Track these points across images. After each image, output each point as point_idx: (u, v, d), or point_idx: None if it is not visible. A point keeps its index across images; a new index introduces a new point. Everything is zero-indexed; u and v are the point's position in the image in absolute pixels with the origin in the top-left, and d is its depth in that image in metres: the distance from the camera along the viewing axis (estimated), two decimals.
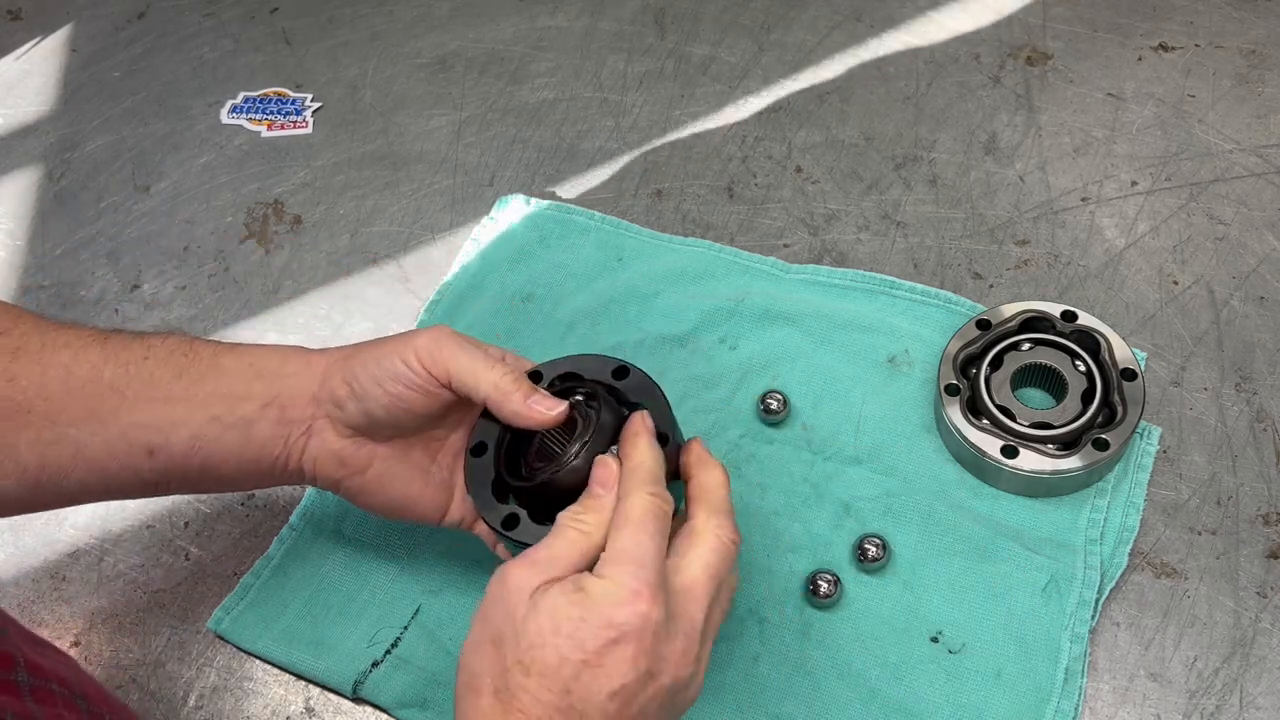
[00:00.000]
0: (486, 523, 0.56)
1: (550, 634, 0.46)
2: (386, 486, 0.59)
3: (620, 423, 0.55)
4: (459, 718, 0.48)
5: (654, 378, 0.58)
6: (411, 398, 0.56)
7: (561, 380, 0.58)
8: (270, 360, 0.58)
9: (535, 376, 0.59)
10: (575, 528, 0.50)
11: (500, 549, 0.61)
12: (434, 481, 0.61)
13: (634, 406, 0.56)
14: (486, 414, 0.58)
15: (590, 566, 0.49)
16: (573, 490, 0.54)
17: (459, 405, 0.59)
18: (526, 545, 0.54)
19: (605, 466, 0.52)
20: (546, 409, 0.54)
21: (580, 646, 0.46)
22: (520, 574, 0.48)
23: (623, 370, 0.57)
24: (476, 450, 0.58)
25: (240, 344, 0.60)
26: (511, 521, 0.55)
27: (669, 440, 0.55)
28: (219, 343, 0.59)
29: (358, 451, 0.58)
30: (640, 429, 0.53)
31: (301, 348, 0.60)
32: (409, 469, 0.60)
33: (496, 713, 0.46)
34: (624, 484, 0.51)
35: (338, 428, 0.58)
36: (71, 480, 0.56)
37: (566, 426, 0.56)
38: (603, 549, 0.49)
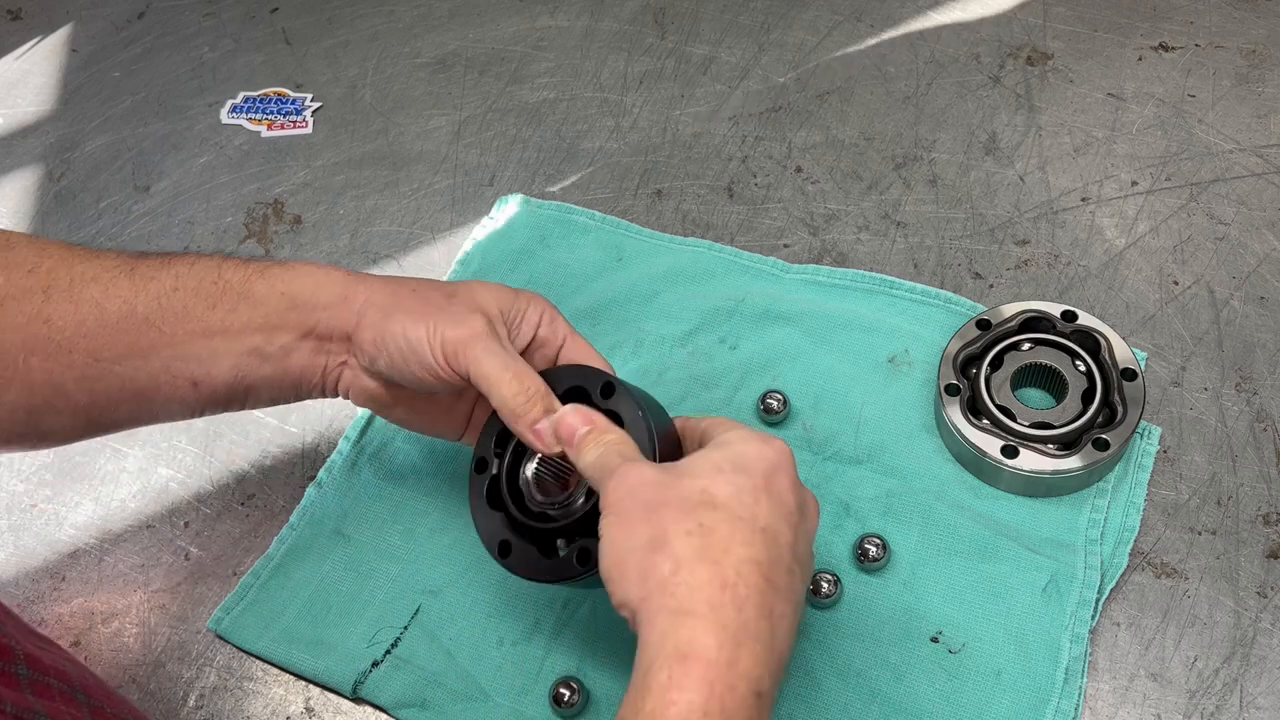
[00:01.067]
0: (487, 549, 0.57)
1: (713, 474, 0.48)
2: (412, 418, 0.63)
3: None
4: (639, 582, 0.46)
5: (656, 376, 0.58)
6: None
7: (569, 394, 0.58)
8: (304, 287, 0.58)
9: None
10: (603, 440, 0.52)
11: None
12: (456, 413, 0.64)
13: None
14: (492, 419, 0.59)
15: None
16: (572, 531, 0.55)
17: None
18: (517, 574, 0.56)
19: (583, 413, 0.53)
20: (549, 442, 0.54)
21: (749, 475, 0.48)
22: (632, 468, 0.49)
23: (609, 388, 0.57)
24: (479, 466, 0.59)
25: (270, 265, 0.59)
26: (505, 549, 0.57)
27: (666, 424, 0.56)
28: (249, 264, 0.59)
29: (384, 393, 0.60)
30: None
31: (336, 271, 0.59)
32: (433, 406, 0.63)
33: (696, 550, 0.45)
34: (716, 427, 0.53)
35: (365, 372, 0.59)
36: (121, 411, 0.57)
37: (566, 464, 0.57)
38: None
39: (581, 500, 0.56)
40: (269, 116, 1.02)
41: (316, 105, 1.03)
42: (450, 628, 0.67)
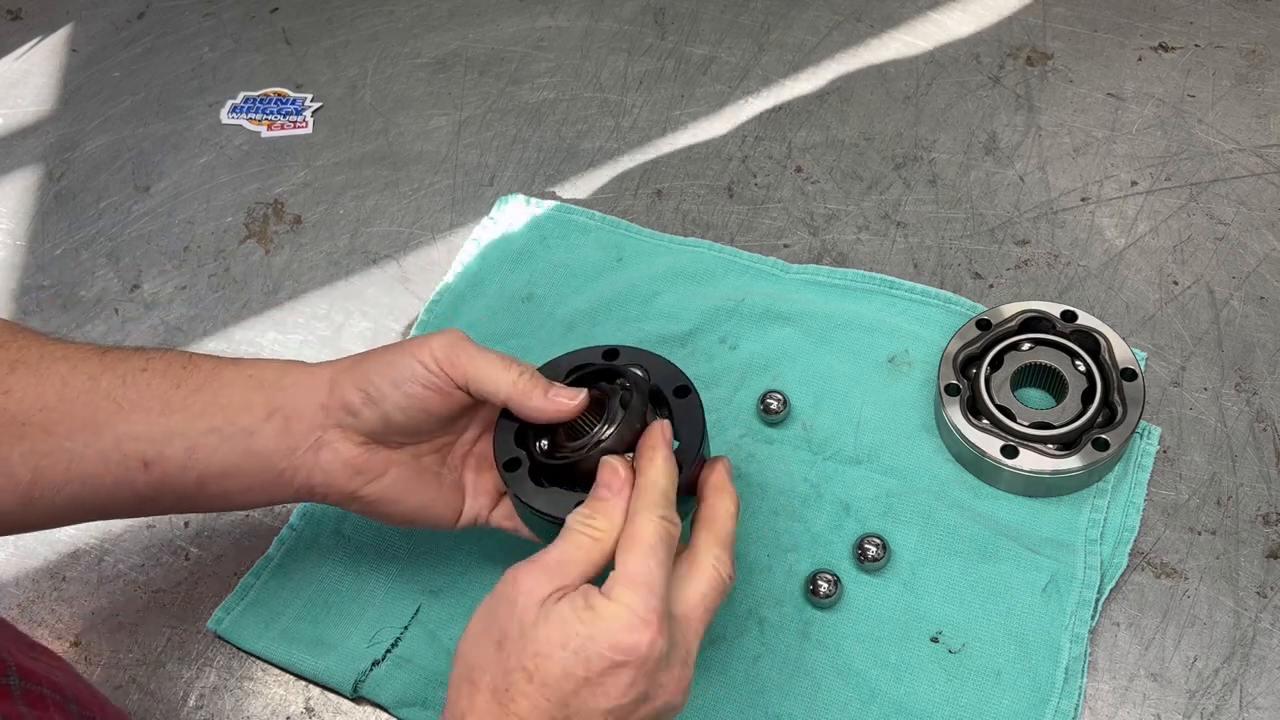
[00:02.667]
0: (545, 515, 0.55)
1: (557, 646, 0.47)
2: (404, 493, 0.59)
3: (639, 386, 0.56)
4: (451, 705, 0.48)
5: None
6: (429, 399, 0.56)
7: (579, 370, 0.59)
8: (270, 371, 0.58)
9: (554, 372, 0.59)
10: (585, 533, 0.50)
11: (524, 530, 0.61)
12: (448, 484, 0.61)
13: (668, 402, 0.57)
14: (502, 425, 0.58)
15: (598, 574, 0.50)
16: (627, 451, 0.54)
17: (470, 409, 0.59)
18: (548, 515, 0.54)
19: (614, 470, 0.52)
20: (569, 398, 0.55)
21: (585, 664, 0.47)
22: (531, 578, 0.48)
23: (612, 352, 0.59)
24: (510, 465, 0.57)
25: (241, 357, 0.59)
26: (514, 465, 0.56)
27: (690, 389, 0.56)
28: (219, 356, 0.58)
29: (372, 459, 0.57)
30: (659, 441, 0.53)
31: (300, 361, 0.59)
32: (423, 473, 0.59)
33: (493, 711, 0.47)
34: (636, 500, 0.51)
35: (351, 436, 0.57)
36: (64, 495, 0.55)
37: (596, 407, 0.56)
38: (611, 556, 0.50)
39: (619, 419, 0.55)
40: (269, 116, 1.02)
41: (316, 105, 1.03)
42: (450, 628, 0.67)
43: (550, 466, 0.56)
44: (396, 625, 0.68)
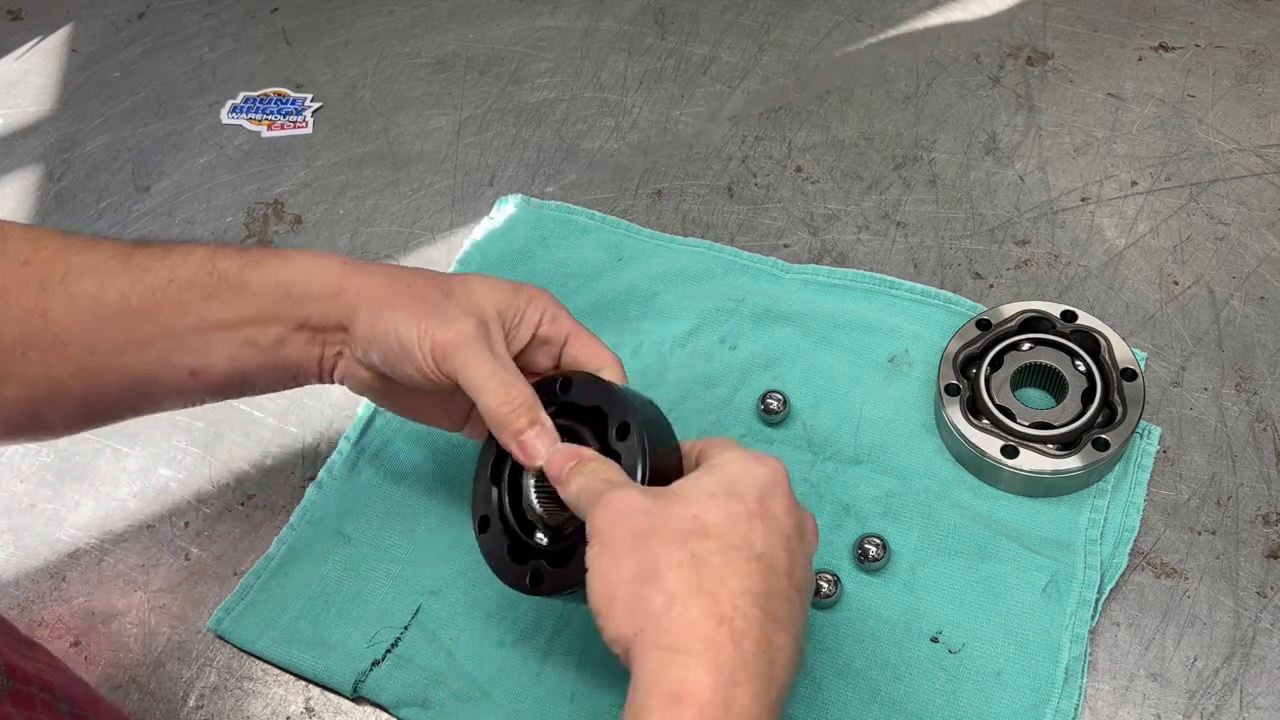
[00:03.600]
0: (514, 588, 0.56)
1: (705, 500, 0.46)
2: (408, 410, 0.63)
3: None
4: (629, 615, 0.45)
5: (656, 376, 0.58)
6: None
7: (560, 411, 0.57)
8: (298, 278, 0.58)
9: (567, 385, 0.58)
10: (588, 468, 0.51)
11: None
12: (453, 407, 0.63)
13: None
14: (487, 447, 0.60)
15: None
16: (556, 562, 0.54)
17: None
18: (561, 591, 0.54)
19: (565, 452, 0.53)
20: (531, 456, 0.54)
21: (743, 499, 0.46)
22: (622, 492, 0.48)
23: (566, 383, 0.57)
24: (482, 526, 0.58)
25: (266, 254, 0.59)
26: (537, 579, 0.55)
27: (628, 429, 0.54)
28: (244, 252, 0.58)
29: (380, 383, 0.60)
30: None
31: (330, 259, 0.59)
32: (429, 401, 0.63)
33: (690, 583, 0.44)
34: (715, 448, 0.52)
35: (359, 363, 0.59)
36: (120, 403, 0.58)
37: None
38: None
39: (571, 530, 0.55)
40: (269, 116, 1.02)
41: (316, 105, 1.03)
42: (450, 628, 0.67)
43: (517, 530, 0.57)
44: (396, 625, 0.68)
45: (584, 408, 0.56)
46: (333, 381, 0.61)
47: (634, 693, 0.43)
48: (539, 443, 0.54)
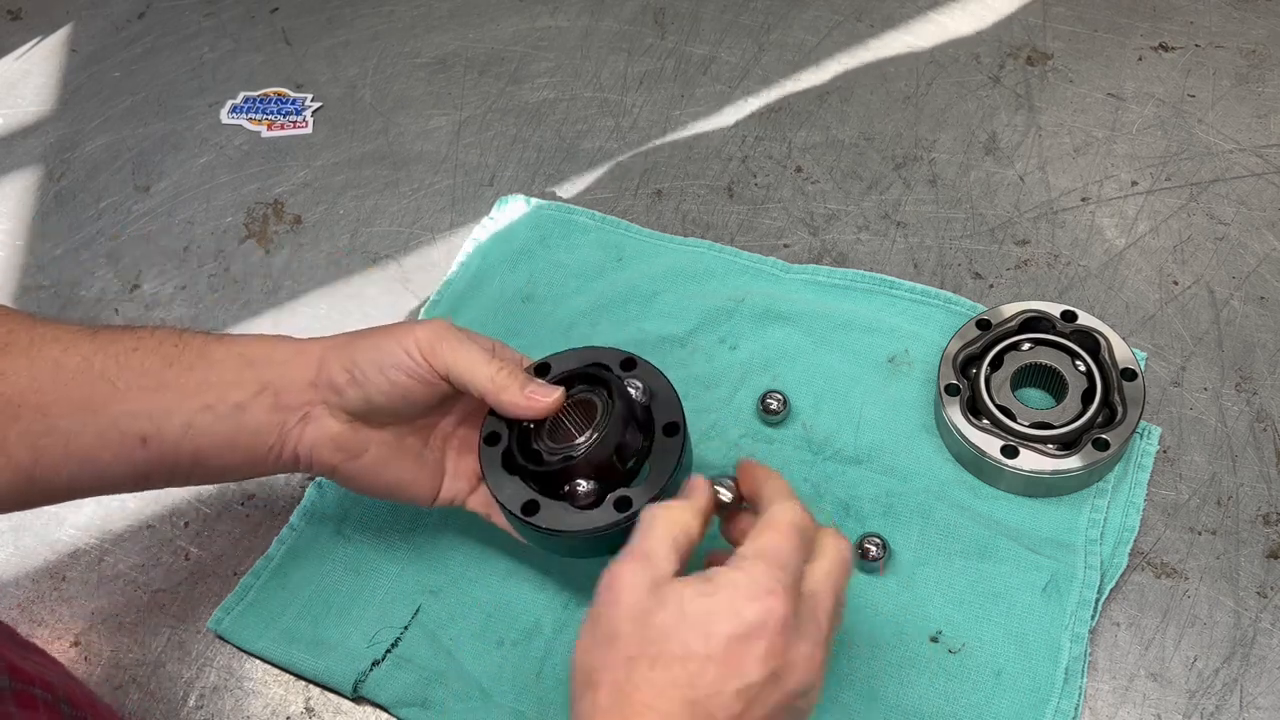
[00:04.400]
0: (503, 508, 0.57)
1: (675, 626, 0.45)
2: (382, 471, 0.60)
3: (631, 408, 0.57)
4: (574, 715, 0.46)
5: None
6: (411, 386, 0.57)
7: (569, 373, 0.60)
8: (259, 349, 0.58)
9: (543, 369, 0.61)
10: (664, 514, 0.50)
11: (497, 517, 0.62)
12: (428, 464, 0.62)
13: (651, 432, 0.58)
14: (490, 422, 0.60)
15: (688, 553, 0.49)
16: (595, 471, 0.56)
17: (455, 395, 0.60)
18: (544, 530, 0.56)
19: (697, 477, 0.53)
20: (543, 397, 0.56)
21: (706, 639, 0.44)
22: (631, 570, 0.47)
23: (630, 362, 0.60)
24: (490, 439, 0.59)
25: (229, 334, 0.60)
26: (531, 507, 0.57)
27: (679, 428, 0.57)
28: (208, 333, 0.59)
29: (354, 436, 0.59)
30: (764, 469, 0.54)
31: (289, 336, 0.60)
32: (403, 453, 0.61)
33: (615, 706, 0.44)
34: (773, 493, 0.51)
35: (335, 414, 0.58)
36: (64, 474, 0.56)
37: (583, 411, 0.58)
38: (696, 535, 0.50)
39: (595, 437, 0.56)
40: (269, 116, 1.02)
41: (316, 105, 1.02)
42: (450, 628, 0.67)
43: (532, 472, 0.57)
44: (396, 625, 0.68)
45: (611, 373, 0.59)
46: (294, 460, 0.59)
47: None
48: (541, 392, 0.56)
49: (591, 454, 0.56)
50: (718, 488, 0.53)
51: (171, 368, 0.56)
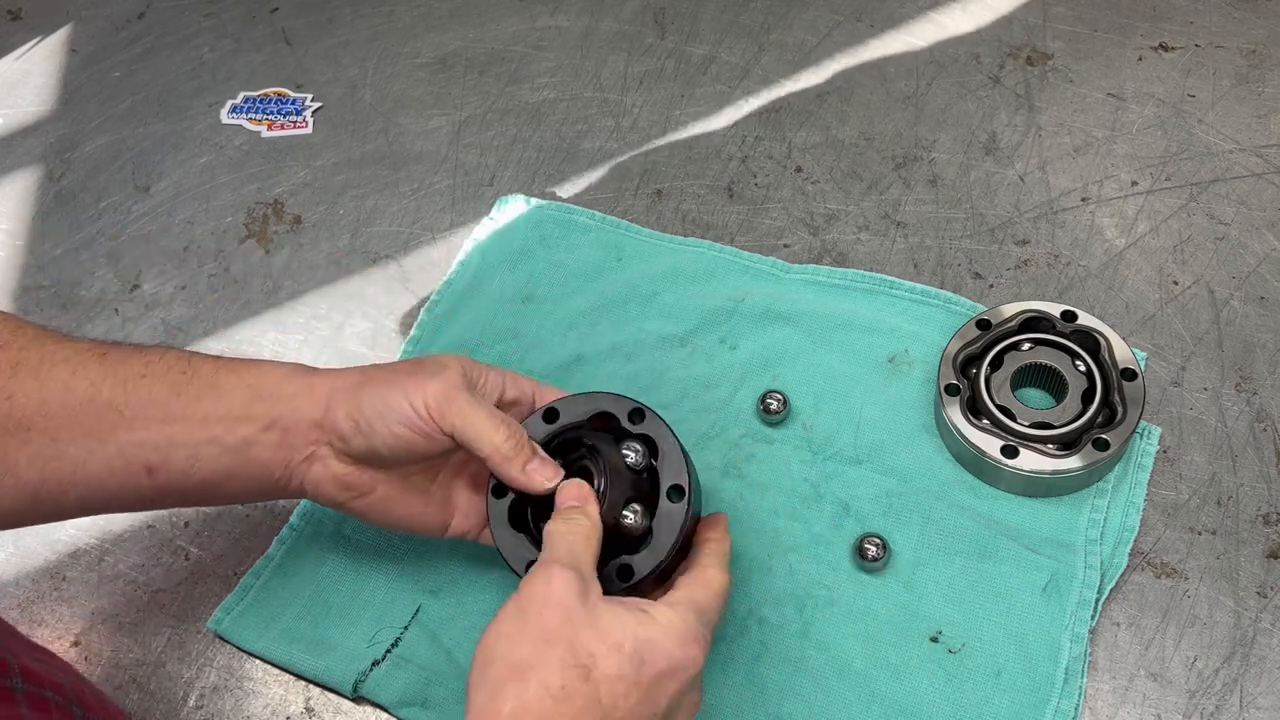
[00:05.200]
0: (513, 571, 0.57)
1: (614, 648, 0.48)
2: (389, 509, 0.60)
3: (628, 478, 0.57)
4: (489, 703, 0.46)
5: (656, 376, 0.59)
6: (415, 440, 0.56)
7: (569, 431, 0.59)
8: (269, 380, 0.58)
9: (551, 414, 0.60)
10: (575, 522, 0.53)
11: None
12: (435, 500, 0.62)
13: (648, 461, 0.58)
14: (495, 512, 0.59)
15: (594, 560, 0.53)
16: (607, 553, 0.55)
17: (457, 447, 0.59)
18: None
19: (573, 486, 0.55)
20: (544, 479, 0.56)
21: (638, 668, 0.48)
22: (565, 580, 0.49)
23: (638, 413, 0.58)
24: (497, 490, 0.59)
25: (239, 360, 0.59)
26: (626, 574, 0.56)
27: (685, 492, 0.56)
28: (218, 359, 0.59)
29: (360, 477, 0.59)
30: (724, 529, 0.59)
31: (302, 366, 0.59)
32: (410, 491, 0.61)
33: (546, 708, 0.46)
34: (716, 558, 0.56)
35: (340, 456, 0.58)
36: (71, 496, 0.56)
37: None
38: (595, 542, 0.53)
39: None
40: (269, 116, 1.02)
41: (316, 105, 1.03)
42: (450, 628, 0.67)
43: (536, 535, 0.58)
44: (396, 625, 0.68)
45: (620, 426, 0.58)
46: (301, 491, 0.59)
47: None
48: (542, 472, 0.56)
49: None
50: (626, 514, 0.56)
51: (179, 397, 0.56)
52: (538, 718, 0.45)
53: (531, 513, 0.58)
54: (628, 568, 0.55)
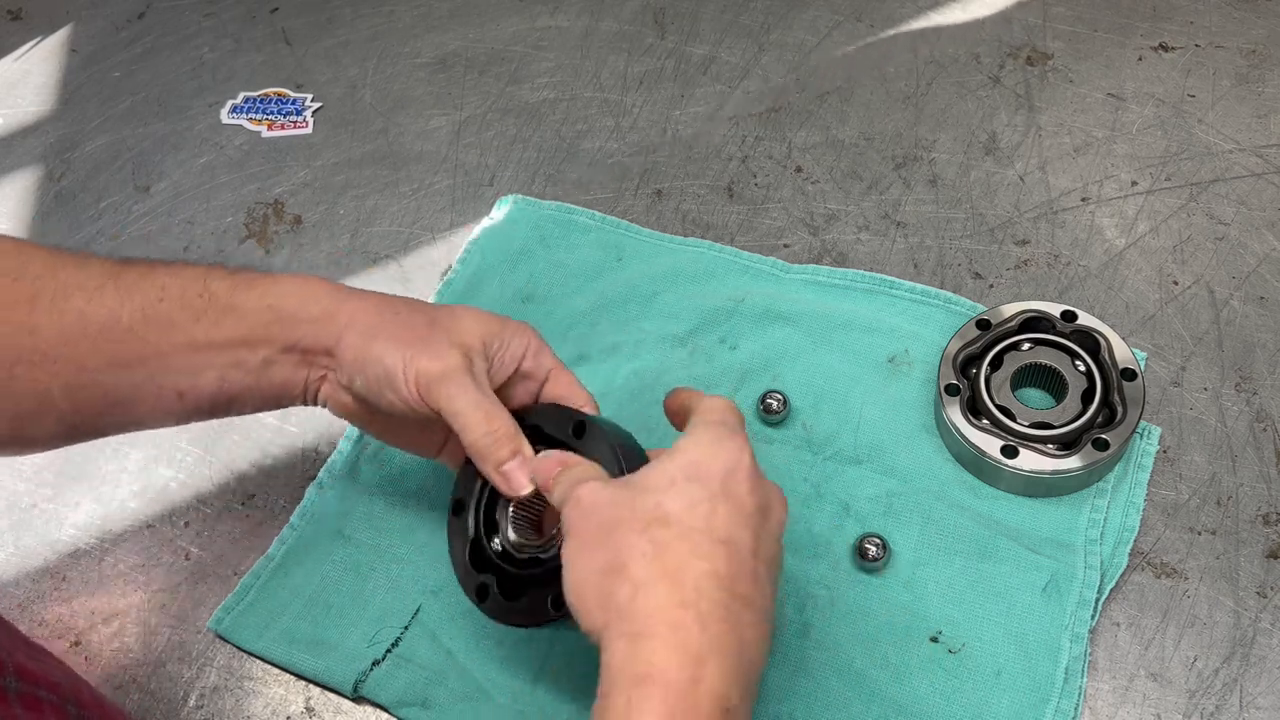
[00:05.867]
0: (465, 591, 0.58)
1: (667, 486, 0.47)
2: (387, 434, 0.64)
3: None
4: (607, 608, 0.45)
5: (656, 376, 0.58)
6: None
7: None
8: (289, 301, 0.58)
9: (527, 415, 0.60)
10: (570, 470, 0.53)
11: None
12: (431, 437, 0.64)
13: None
14: (465, 471, 0.61)
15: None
16: (550, 582, 0.53)
17: None
18: (495, 619, 0.56)
19: (547, 459, 0.54)
20: (518, 484, 0.55)
21: (704, 483, 0.47)
22: (589, 487, 0.49)
23: (580, 427, 0.57)
24: (456, 508, 0.60)
25: (256, 275, 0.59)
26: (483, 592, 0.58)
27: (585, 426, 0.56)
28: (235, 275, 0.58)
29: (361, 409, 0.60)
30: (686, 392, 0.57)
31: (322, 286, 0.59)
32: (408, 428, 0.63)
33: (652, 570, 0.45)
34: (693, 398, 0.54)
35: (344, 389, 0.60)
36: (106, 419, 0.58)
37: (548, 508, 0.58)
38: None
39: (556, 550, 0.55)
40: (269, 116, 1.02)
41: (316, 105, 1.03)
42: (451, 628, 0.67)
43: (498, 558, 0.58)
44: (396, 625, 0.68)
45: (562, 442, 0.57)
46: (316, 403, 0.61)
47: (603, 681, 0.44)
48: (520, 473, 0.55)
49: (545, 565, 0.56)
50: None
51: (199, 322, 0.57)
52: (652, 576, 0.44)
53: (485, 527, 0.59)
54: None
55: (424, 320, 0.58)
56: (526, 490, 0.55)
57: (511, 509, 0.59)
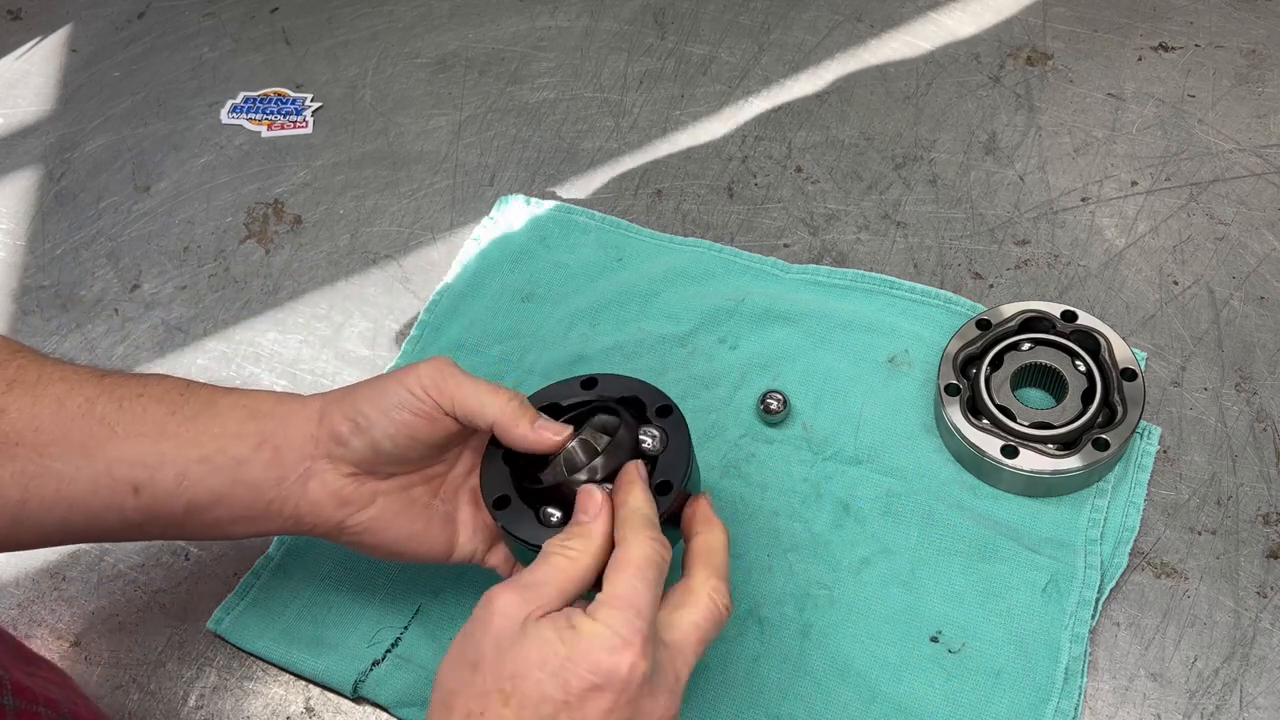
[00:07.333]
0: (490, 513, 0.56)
1: (535, 666, 0.45)
2: (391, 524, 0.58)
3: (627, 459, 0.55)
4: (451, 707, 0.47)
5: (656, 376, 0.58)
6: (417, 425, 0.55)
7: (574, 408, 0.59)
8: (265, 402, 0.57)
9: (591, 383, 0.60)
10: (561, 554, 0.50)
11: (516, 567, 0.61)
12: (438, 517, 0.60)
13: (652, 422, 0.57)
14: (490, 454, 0.58)
15: (576, 595, 0.49)
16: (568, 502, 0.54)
17: (460, 436, 0.58)
18: (531, 544, 0.54)
19: (590, 495, 0.52)
20: (554, 432, 0.55)
21: (563, 685, 0.45)
22: (506, 598, 0.48)
23: (666, 409, 0.57)
24: (499, 503, 0.57)
25: (238, 387, 0.59)
26: (503, 501, 0.56)
27: (673, 488, 0.54)
28: (217, 386, 0.58)
29: (360, 489, 0.57)
30: (635, 478, 0.53)
31: (294, 394, 0.59)
32: (412, 505, 0.59)
33: None
34: (623, 526, 0.50)
35: (339, 467, 0.56)
36: (53, 516, 0.54)
37: (583, 446, 0.57)
38: (589, 578, 0.50)
39: (597, 459, 0.55)
40: (269, 116, 1.02)
41: (316, 105, 1.03)
42: (451, 628, 0.67)
43: (536, 492, 0.56)
44: (396, 625, 0.68)
45: (645, 417, 0.58)
46: (296, 519, 0.57)
47: None
48: (550, 428, 0.55)
49: (606, 467, 0.55)
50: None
51: (173, 416, 0.56)
52: None
53: (534, 497, 0.57)
54: None
55: (390, 372, 0.59)
56: (560, 437, 0.55)
57: (550, 463, 0.57)
